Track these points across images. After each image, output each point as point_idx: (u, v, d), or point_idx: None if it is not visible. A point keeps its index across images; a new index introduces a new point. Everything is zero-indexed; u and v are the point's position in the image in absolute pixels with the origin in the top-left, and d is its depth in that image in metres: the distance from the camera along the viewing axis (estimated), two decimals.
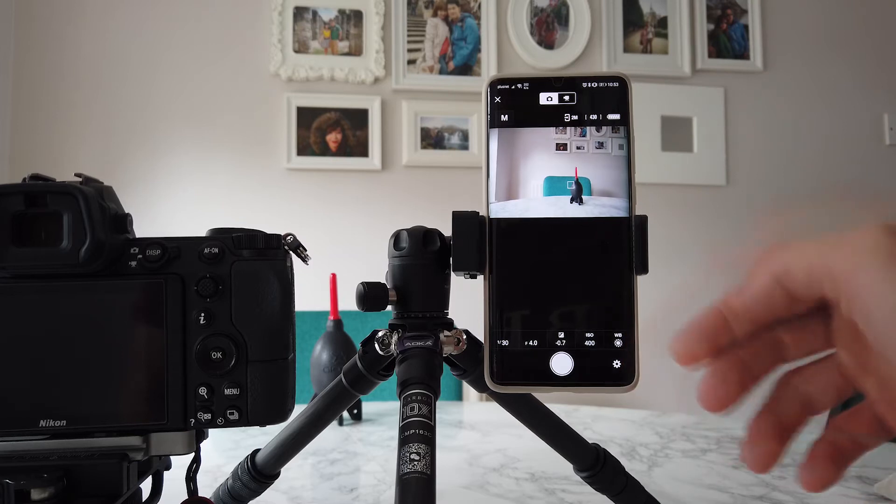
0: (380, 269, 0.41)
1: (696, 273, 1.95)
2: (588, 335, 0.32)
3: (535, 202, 0.33)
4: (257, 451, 0.45)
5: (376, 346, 0.39)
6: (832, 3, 2.13)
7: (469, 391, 1.43)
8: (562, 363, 0.32)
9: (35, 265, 0.31)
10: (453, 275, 0.36)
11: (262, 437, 0.60)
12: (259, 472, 0.44)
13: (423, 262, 0.39)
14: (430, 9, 1.95)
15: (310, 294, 0.85)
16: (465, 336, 0.39)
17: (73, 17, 1.82)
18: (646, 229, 0.32)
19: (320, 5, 1.91)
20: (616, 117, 0.33)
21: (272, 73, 1.87)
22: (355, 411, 0.90)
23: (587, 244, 0.33)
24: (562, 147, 0.33)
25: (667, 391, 1.85)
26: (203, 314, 0.33)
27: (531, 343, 0.32)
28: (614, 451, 0.50)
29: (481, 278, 0.33)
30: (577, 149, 0.33)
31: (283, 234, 0.36)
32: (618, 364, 0.32)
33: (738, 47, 2.07)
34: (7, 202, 0.31)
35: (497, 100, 0.34)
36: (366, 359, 0.41)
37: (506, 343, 0.32)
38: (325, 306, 0.86)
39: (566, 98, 0.34)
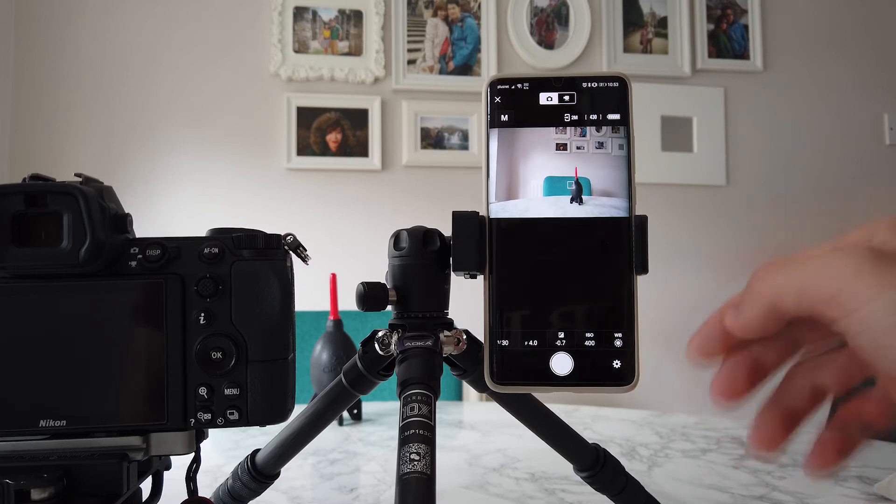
0: (380, 269, 0.41)
1: (701, 276, 1.95)
2: (588, 335, 0.32)
3: (535, 202, 0.33)
4: (257, 451, 0.45)
5: (376, 346, 0.39)
6: (832, 3, 2.13)
7: (469, 391, 1.43)
8: (562, 363, 0.32)
9: (35, 265, 0.31)
10: (453, 275, 0.36)
11: (262, 437, 0.60)
12: (259, 472, 0.44)
13: (423, 262, 0.39)
14: (430, 9, 1.95)
15: (310, 294, 0.86)
16: (465, 336, 0.39)
17: (73, 17, 1.82)
18: (646, 229, 0.32)
19: (320, 5, 1.91)
20: (616, 117, 0.33)
21: (272, 73, 1.87)
22: (355, 411, 0.90)
23: (587, 244, 0.33)
24: (562, 147, 0.33)
25: (667, 391, 1.85)
26: (203, 314, 0.33)
27: (531, 343, 0.32)
28: (614, 451, 0.50)
29: (481, 278, 0.33)
30: (577, 149, 0.33)
31: (283, 234, 0.36)
32: (618, 364, 0.32)
33: (738, 47, 2.07)
34: (7, 202, 0.31)
35: (497, 100, 0.34)
36: (366, 359, 0.41)
37: (506, 343, 0.32)
38: (325, 306, 0.86)
39: (566, 98, 0.34)
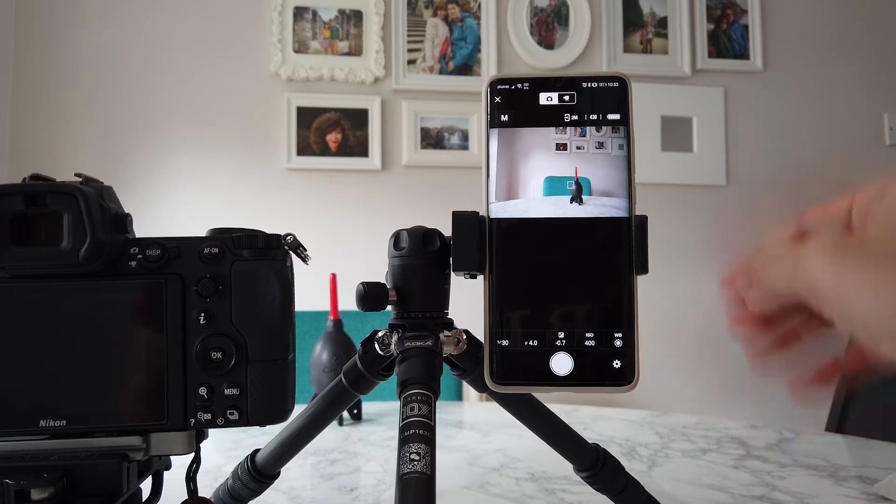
0: (380, 269, 0.41)
1: (701, 276, 1.95)
2: (588, 335, 0.32)
3: (535, 202, 0.33)
4: (257, 451, 0.45)
5: (376, 346, 0.39)
6: (832, 3, 2.13)
7: (469, 391, 1.43)
8: (562, 363, 0.32)
9: (35, 265, 0.31)
10: (453, 275, 0.36)
11: (262, 437, 0.60)
12: (259, 472, 0.44)
13: (423, 262, 0.39)
14: (430, 9, 1.95)
15: (310, 294, 0.86)
16: (465, 336, 0.39)
17: (73, 17, 1.82)
18: (646, 229, 0.32)
19: (320, 5, 1.91)
20: (616, 117, 0.33)
21: (272, 73, 1.87)
22: (355, 411, 0.90)
23: (587, 244, 0.33)
24: (562, 147, 0.33)
25: (667, 391, 1.85)
26: (203, 314, 0.33)
27: (531, 343, 0.32)
28: (614, 451, 0.50)
29: (481, 278, 0.33)
30: (577, 149, 0.33)
31: (283, 234, 0.36)
32: (618, 364, 0.32)
33: (738, 47, 2.07)
34: (7, 202, 0.31)
35: (497, 100, 0.34)
36: (366, 359, 0.41)
37: (506, 343, 0.32)
38: (325, 306, 0.86)
39: (566, 98, 0.34)
